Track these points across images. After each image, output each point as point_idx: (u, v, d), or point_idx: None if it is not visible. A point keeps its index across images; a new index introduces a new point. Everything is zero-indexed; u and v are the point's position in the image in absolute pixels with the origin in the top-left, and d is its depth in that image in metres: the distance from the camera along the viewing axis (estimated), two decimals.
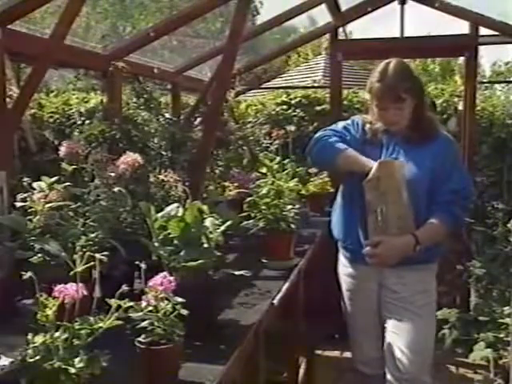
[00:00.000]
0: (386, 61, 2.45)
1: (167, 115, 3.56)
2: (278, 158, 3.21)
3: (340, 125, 2.61)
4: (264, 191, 2.66)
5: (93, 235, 1.83)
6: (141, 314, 1.39)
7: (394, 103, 2.39)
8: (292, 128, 3.77)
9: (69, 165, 2.20)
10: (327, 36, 4.98)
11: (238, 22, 2.78)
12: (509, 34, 4.54)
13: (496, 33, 4.62)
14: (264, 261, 2.63)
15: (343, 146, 2.45)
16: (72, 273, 1.34)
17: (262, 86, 8.25)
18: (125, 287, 1.32)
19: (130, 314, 1.36)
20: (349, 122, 2.62)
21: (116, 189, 2.12)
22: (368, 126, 2.55)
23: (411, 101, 2.41)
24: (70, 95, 6.11)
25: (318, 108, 5.76)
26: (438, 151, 2.45)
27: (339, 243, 2.71)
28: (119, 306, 1.29)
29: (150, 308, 1.40)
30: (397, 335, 2.47)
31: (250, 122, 4.65)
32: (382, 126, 2.52)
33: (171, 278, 1.44)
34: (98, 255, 1.34)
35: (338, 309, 2.80)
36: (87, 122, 3.18)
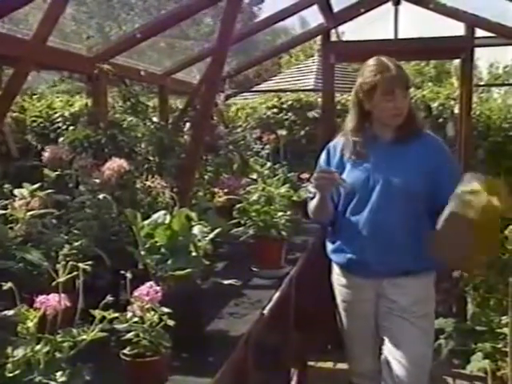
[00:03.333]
0: (375, 57, 2.48)
1: (155, 119, 3.55)
2: (269, 164, 3.21)
3: (321, 160, 2.71)
4: (254, 197, 2.67)
5: (77, 244, 1.82)
6: (126, 325, 1.38)
7: (403, 90, 2.42)
8: (283, 132, 3.78)
9: (52, 171, 2.19)
10: (319, 38, 5.00)
11: (227, 23, 2.78)
12: (506, 36, 4.57)
13: (492, 34, 4.65)
14: (254, 269, 2.62)
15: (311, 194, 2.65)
16: (54, 283, 1.33)
17: (253, 89, 8.27)
18: (109, 297, 1.31)
19: (115, 326, 1.36)
20: (326, 151, 2.71)
21: (101, 195, 2.11)
22: (343, 140, 2.61)
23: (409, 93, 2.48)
24: (54, 98, 6.10)
25: (311, 112, 5.78)
26: (428, 147, 2.48)
27: (334, 254, 2.70)
28: (103, 317, 1.29)
29: (136, 319, 1.39)
30: (394, 346, 2.47)
31: (240, 126, 4.67)
32: (365, 134, 2.53)
33: (157, 288, 1.43)
34: (81, 264, 1.33)
35: (331, 318, 2.79)
36: (72, 126, 3.17)
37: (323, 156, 2.72)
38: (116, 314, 1.33)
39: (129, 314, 1.39)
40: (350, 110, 2.61)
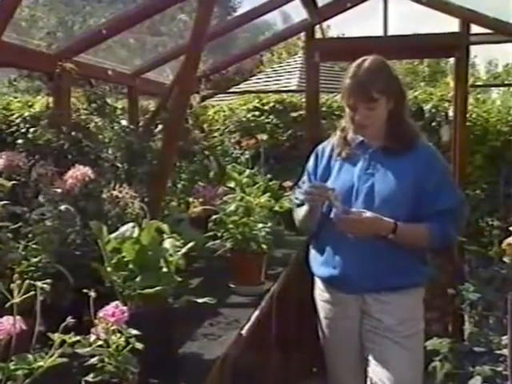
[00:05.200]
0: (363, 57, 2.50)
1: (123, 122, 3.54)
2: (248, 171, 3.21)
3: (309, 165, 2.75)
4: (232, 208, 2.67)
5: (35, 260, 1.81)
6: (89, 349, 1.38)
7: (365, 103, 2.42)
8: (264, 137, 3.79)
9: (8, 179, 2.17)
10: (303, 34, 5.04)
11: (202, 18, 2.79)
12: (503, 33, 4.62)
13: (489, 31, 4.70)
14: (232, 286, 2.62)
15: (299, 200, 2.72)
16: (9, 304, 1.32)
17: (231, 90, 8.29)
18: (70, 319, 1.30)
19: (77, 350, 1.35)
20: (314, 155, 2.76)
21: (63, 207, 2.09)
22: (334, 142, 2.65)
23: (386, 103, 2.46)
24: (12, 98, 6.05)
25: (294, 114, 5.80)
26: (419, 162, 2.48)
27: (316, 268, 2.71)
28: (64, 341, 1.28)
29: (100, 342, 1.38)
30: (380, 369, 2.48)
31: (217, 130, 4.67)
32: (353, 138, 2.57)
33: (124, 308, 1.43)
34: (39, 283, 1.32)
35: (316, 339, 2.80)
36: (32, 129, 3.14)
37: (311, 161, 2.75)
38: (78, 338, 1.32)
39: (92, 337, 1.38)
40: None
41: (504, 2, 4.53)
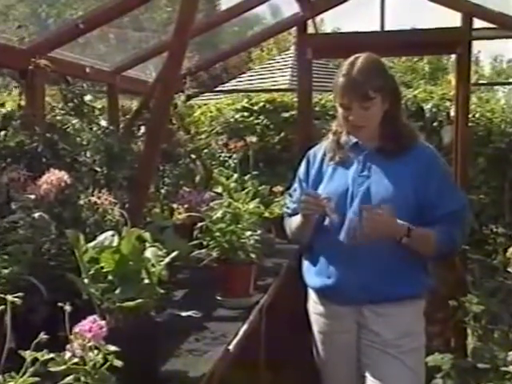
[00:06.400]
0: (357, 55, 2.51)
1: (103, 123, 3.53)
2: (236, 175, 3.21)
3: (300, 172, 2.78)
4: (219, 214, 2.66)
5: (6, 271, 1.80)
6: (64, 367, 1.36)
7: (360, 102, 2.43)
8: (253, 139, 3.79)
9: None
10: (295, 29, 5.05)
11: (186, 11, 2.79)
12: (508, 27, 4.63)
13: (493, 25, 4.72)
14: (218, 298, 2.62)
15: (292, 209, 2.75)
16: None
17: (219, 89, 8.30)
18: (43, 335, 1.29)
19: (51, 369, 1.33)
20: (305, 160, 2.78)
21: (37, 214, 2.09)
22: (326, 146, 2.67)
23: (381, 103, 2.47)
24: None
25: (286, 115, 5.81)
26: (418, 163, 2.50)
27: (309, 278, 2.71)
28: (36, 359, 1.27)
29: (76, 360, 1.37)
30: None
31: (204, 132, 4.67)
32: (346, 141, 2.58)
33: (102, 322, 1.42)
34: (10, 297, 1.31)
35: (308, 355, 2.80)
36: (2, 131, 3.13)
37: (302, 166, 2.76)
38: (52, 355, 1.31)
39: (67, 355, 1.37)
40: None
41: None
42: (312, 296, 2.74)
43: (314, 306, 2.73)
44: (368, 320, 2.54)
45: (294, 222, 2.69)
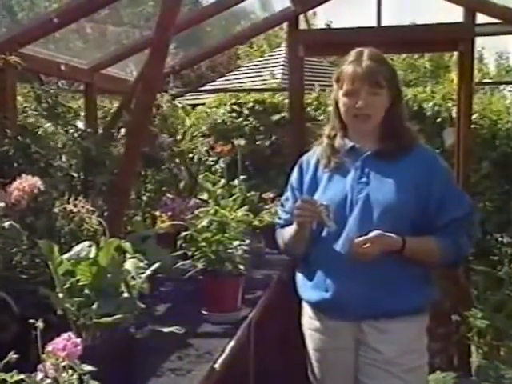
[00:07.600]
0: (359, 49, 2.55)
1: (80, 125, 3.53)
2: (223, 181, 3.21)
3: (293, 179, 2.77)
4: (204, 223, 2.66)
5: None
6: None
7: (370, 87, 2.46)
8: (241, 142, 3.79)
9: None
10: (285, 25, 5.06)
11: (169, 5, 2.79)
12: None
13: (497, 20, 4.74)
14: (204, 313, 2.61)
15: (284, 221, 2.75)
16: None
17: (204, 88, 8.31)
18: (13, 355, 1.28)
19: None
20: (298, 167, 2.78)
21: (7, 223, 2.08)
22: (320, 148, 2.68)
23: (387, 96, 2.51)
24: None
25: (276, 116, 5.82)
26: (419, 166, 2.51)
27: (305, 292, 2.70)
28: (5, 381, 1.26)
29: (48, 381, 1.36)
30: None
31: (188, 134, 4.66)
32: (342, 145, 2.58)
33: (77, 340, 1.41)
34: None
35: (301, 373, 2.79)
36: None
37: (295, 173, 2.76)
38: (22, 376, 1.31)
39: (39, 375, 1.37)
40: (330, 113, 2.68)
41: None
42: (307, 311, 2.72)
43: (309, 321, 2.71)
44: (368, 336, 2.53)
45: (287, 233, 2.68)
